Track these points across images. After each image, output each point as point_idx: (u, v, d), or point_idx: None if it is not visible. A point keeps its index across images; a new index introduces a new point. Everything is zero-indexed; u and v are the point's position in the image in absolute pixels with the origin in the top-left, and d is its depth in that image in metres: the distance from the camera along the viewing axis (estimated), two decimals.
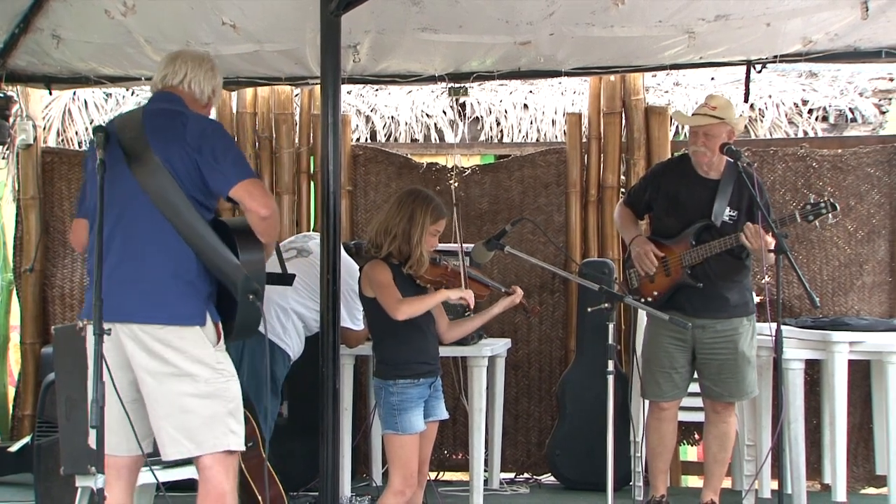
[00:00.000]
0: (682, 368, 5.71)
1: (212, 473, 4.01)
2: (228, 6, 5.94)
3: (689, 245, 5.62)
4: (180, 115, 4.12)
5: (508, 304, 4.90)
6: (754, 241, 5.40)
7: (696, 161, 5.69)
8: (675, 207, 5.73)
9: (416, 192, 4.82)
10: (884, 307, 7.09)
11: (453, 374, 6.71)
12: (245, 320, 4.05)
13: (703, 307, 5.58)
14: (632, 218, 6.00)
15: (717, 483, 5.84)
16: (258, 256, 4.12)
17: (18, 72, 6.79)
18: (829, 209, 5.41)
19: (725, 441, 5.78)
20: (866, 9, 5.68)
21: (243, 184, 4.03)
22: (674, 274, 5.67)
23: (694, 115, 5.74)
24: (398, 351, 4.69)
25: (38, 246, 7.65)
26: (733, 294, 5.67)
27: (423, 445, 4.76)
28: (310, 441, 5.22)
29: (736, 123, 5.70)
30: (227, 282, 4.03)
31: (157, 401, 3.98)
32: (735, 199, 5.62)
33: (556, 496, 6.83)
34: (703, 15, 5.94)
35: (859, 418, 6.86)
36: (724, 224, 5.59)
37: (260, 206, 4.03)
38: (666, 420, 5.77)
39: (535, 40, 6.31)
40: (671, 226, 5.74)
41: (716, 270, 5.62)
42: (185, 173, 4.01)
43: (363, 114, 8.29)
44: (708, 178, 5.68)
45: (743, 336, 5.65)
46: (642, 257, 5.70)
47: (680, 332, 5.56)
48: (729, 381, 5.65)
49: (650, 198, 5.87)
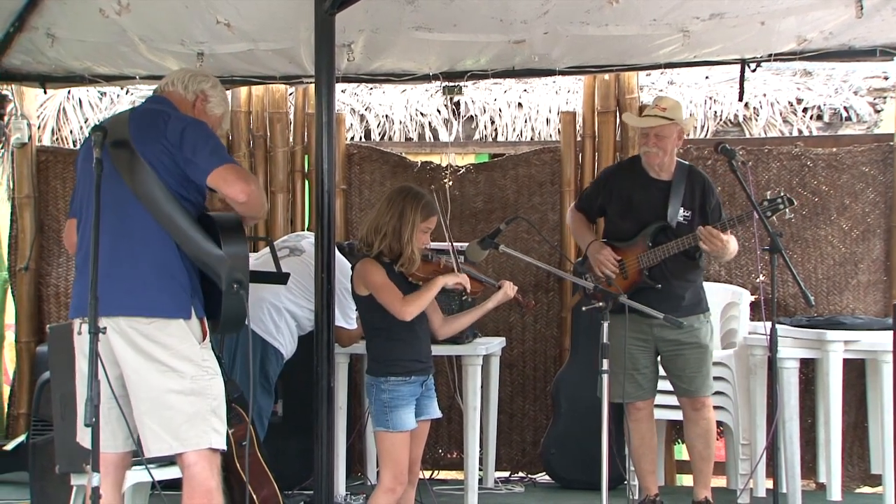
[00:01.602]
0: (646, 369, 5.73)
1: (196, 470, 4.02)
2: (223, 5, 5.93)
3: (645, 247, 5.67)
4: (162, 114, 4.18)
5: (501, 298, 4.89)
6: (710, 244, 5.47)
7: (647, 162, 5.75)
8: (630, 210, 5.78)
9: (406, 189, 4.81)
10: (879, 306, 7.09)
11: (448, 372, 6.72)
12: (230, 311, 4.05)
13: (662, 308, 5.44)
14: (585, 222, 6.05)
15: (707, 480, 5.86)
16: (241, 249, 4.13)
17: (13, 70, 6.79)
18: (785, 204, 5.46)
19: (709, 437, 5.81)
20: (861, 7, 5.68)
21: (218, 170, 4.06)
22: (631, 276, 5.70)
23: (644, 117, 5.80)
24: (390, 348, 4.68)
25: (33, 245, 7.65)
26: (688, 293, 5.73)
27: (415, 444, 4.75)
28: (304, 440, 5.22)
29: (685, 124, 5.80)
30: (210, 273, 4.06)
31: (140, 396, 4.01)
32: (688, 200, 5.70)
33: (551, 495, 6.83)
34: (697, 13, 5.95)
35: (854, 417, 6.86)
36: (679, 225, 5.66)
37: (237, 192, 4.06)
38: (643, 420, 5.77)
39: (530, 39, 6.32)
40: (626, 228, 5.77)
41: (671, 270, 5.67)
42: (166, 170, 4.06)
43: (357, 112, 8.28)
44: (660, 180, 5.75)
45: (701, 330, 5.71)
46: (601, 261, 5.72)
47: (642, 333, 5.63)
48: (696, 376, 5.68)
49: (603, 201, 5.91)
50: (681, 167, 5.76)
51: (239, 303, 4.04)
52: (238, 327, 4.19)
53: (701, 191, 5.75)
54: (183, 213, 4.06)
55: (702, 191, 5.75)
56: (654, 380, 5.79)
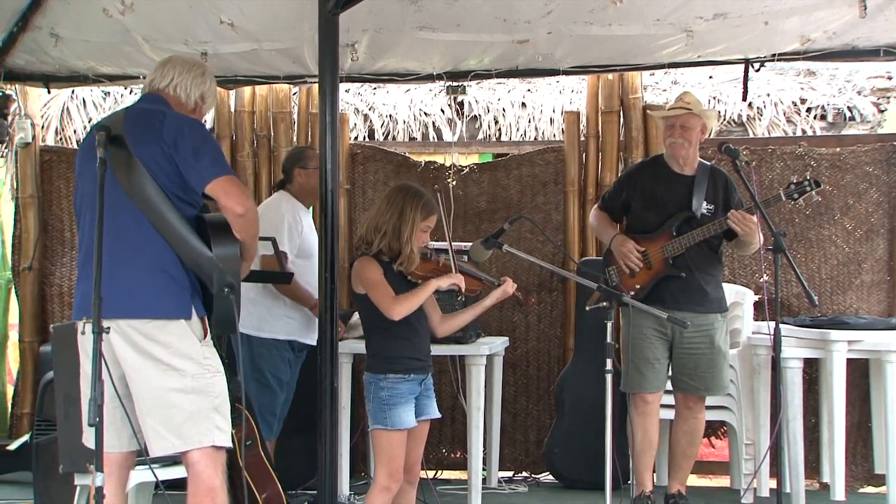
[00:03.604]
0: (664, 360, 5.79)
1: (200, 469, 4.02)
2: (227, 5, 5.94)
3: (670, 236, 5.72)
4: (158, 114, 4.14)
5: (500, 295, 4.85)
6: (742, 226, 5.53)
7: (672, 154, 5.83)
8: (654, 203, 5.84)
9: (406, 187, 4.78)
10: (882, 306, 7.09)
11: (451, 372, 6.71)
12: (221, 315, 4.03)
13: (685, 299, 5.67)
14: (609, 220, 6.13)
15: (684, 476, 5.93)
16: (232, 251, 4.09)
17: (17, 70, 6.80)
18: (812, 186, 5.56)
19: (696, 437, 5.88)
20: (864, 7, 5.69)
21: (219, 181, 4.04)
22: (656, 266, 5.75)
23: (669, 109, 5.89)
24: (389, 346, 4.67)
25: (37, 244, 7.66)
26: (710, 287, 5.79)
27: (415, 445, 4.75)
28: (308, 439, 5.22)
29: (708, 117, 5.89)
30: (202, 275, 4.05)
31: (142, 396, 4.00)
32: (710, 194, 5.79)
33: (555, 495, 6.83)
34: (701, 13, 5.96)
35: (858, 417, 6.85)
36: (703, 216, 5.73)
37: (235, 204, 4.04)
38: (650, 414, 5.79)
39: (533, 39, 6.32)
40: (651, 220, 5.83)
41: (695, 262, 5.72)
42: (161, 171, 4.03)
43: (361, 112, 8.27)
44: (683, 174, 5.83)
45: (718, 332, 5.76)
46: (625, 253, 5.79)
47: (661, 325, 5.67)
48: (706, 375, 5.73)
49: (628, 196, 5.96)
50: (702, 164, 5.87)
51: (229, 307, 4.00)
52: (229, 330, 4.13)
53: (724, 187, 5.84)
54: (177, 214, 4.04)
55: (724, 187, 5.84)
56: (666, 375, 5.82)
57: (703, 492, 6.87)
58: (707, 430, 7.16)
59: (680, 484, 5.88)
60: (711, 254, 5.79)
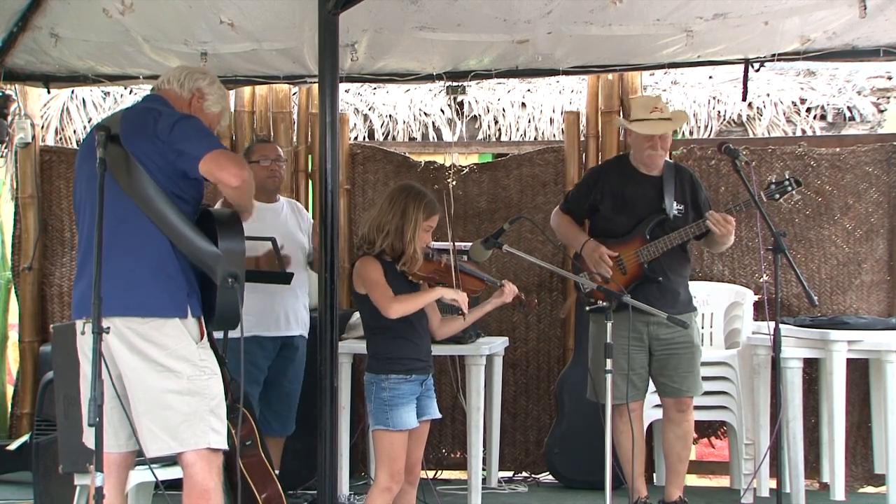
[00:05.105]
0: (642, 370, 5.74)
1: (195, 470, 4.03)
2: (226, 5, 5.93)
3: (644, 240, 5.68)
4: (153, 112, 4.15)
5: (499, 302, 4.86)
6: (721, 227, 5.52)
7: (649, 163, 5.78)
8: (624, 205, 5.80)
9: (409, 187, 4.78)
10: (882, 306, 7.09)
11: (451, 372, 6.70)
12: (225, 306, 4.02)
13: (661, 303, 5.47)
14: (574, 224, 6.01)
15: (681, 480, 5.89)
16: (239, 246, 4.10)
17: (17, 70, 6.80)
18: (793, 185, 5.56)
19: (688, 439, 5.86)
20: (864, 7, 5.68)
21: (210, 155, 4.00)
22: (631, 271, 5.71)
23: (648, 121, 5.73)
24: (391, 346, 4.68)
25: (37, 244, 7.66)
26: (682, 288, 5.79)
27: (415, 445, 4.75)
28: (308, 439, 5.22)
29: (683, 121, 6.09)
30: (205, 269, 4.04)
31: (137, 396, 4.01)
32: (679, 194, 5.77)
33: (555, 495, 6.83)
34: (701, 13, 5.95)
35: (858, 417, 6.85)
36: (674, 217, 5.71)
37: (230, 177, 3.99)
38: (635, 421, 5.73)
39: (533, 39, 6.31)
40: (621, 223, 5.78)
41: (668, 265, 5.70)
42: (157, 168, 4.03)
43: (361, 112, 8.28)
44: (650, 175, 5.81)
45: (694, 330, 5.75)
46: (597, 260, 5.69)
47: (637, 332, 5.64)
48: (687, 375, 5.71)
49: (595, 199, 5.88)
50: (667, 163, 5.85)
51: (233, 297, 3.99)
52: (233, 323, 4.12)
53: (690, 185, 5.83)
54: (176, 211, 4.04)
55: (691, 185, 5.83)
56: (647, 380, 5.81)
57: (702, 492, 6.87)
58: (707, 430, 7.19)
59: (679, 489, 5.84)
60: (682, 254, 5.78)
